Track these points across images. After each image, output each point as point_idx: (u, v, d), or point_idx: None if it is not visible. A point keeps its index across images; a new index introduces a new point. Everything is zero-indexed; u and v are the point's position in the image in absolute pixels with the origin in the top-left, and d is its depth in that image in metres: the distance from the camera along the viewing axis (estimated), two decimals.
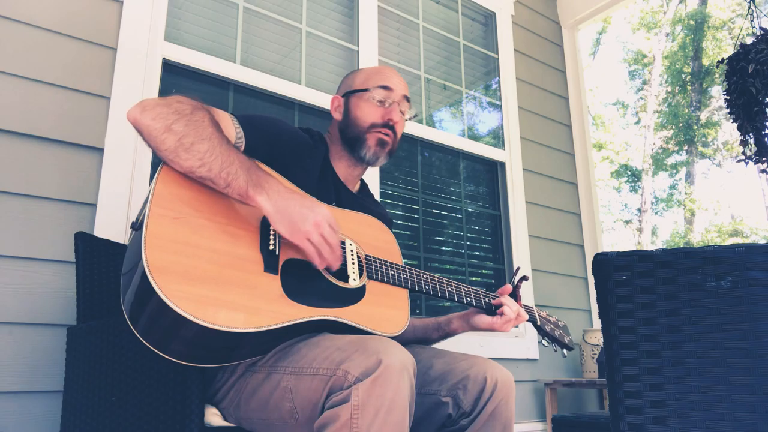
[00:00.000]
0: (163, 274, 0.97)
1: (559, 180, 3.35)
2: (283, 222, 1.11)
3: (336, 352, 1.03)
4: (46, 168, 1.75)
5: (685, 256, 1.00)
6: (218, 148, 1.09)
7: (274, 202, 1.11)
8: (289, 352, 1.12)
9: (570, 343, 1.64)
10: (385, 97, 1.48)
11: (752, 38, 2.98)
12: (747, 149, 3.03)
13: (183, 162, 1.08)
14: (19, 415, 1.58)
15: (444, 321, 1.54)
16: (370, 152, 1.46)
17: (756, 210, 19.01)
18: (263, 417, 1.13)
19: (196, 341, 1.02)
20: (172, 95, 1.16)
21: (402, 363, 0.99)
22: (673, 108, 15.37)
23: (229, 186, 1.09)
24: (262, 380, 1.12)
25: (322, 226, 1.14)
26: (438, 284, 1.42)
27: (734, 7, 14.29)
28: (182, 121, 1.09)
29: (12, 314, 1.62)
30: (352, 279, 1.25)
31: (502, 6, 3.35)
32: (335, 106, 1.54)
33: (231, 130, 1.24)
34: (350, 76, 1.58)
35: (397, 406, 0.97)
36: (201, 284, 1.01)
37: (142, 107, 1.10)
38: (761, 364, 0.94)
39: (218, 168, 1.08)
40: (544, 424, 2.81)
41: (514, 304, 1.47)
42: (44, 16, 1.84)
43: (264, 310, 1.06)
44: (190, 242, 1.04)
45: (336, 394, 0.98)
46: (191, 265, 1.01)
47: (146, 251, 0.97)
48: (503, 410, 1.29)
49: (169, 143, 1.07)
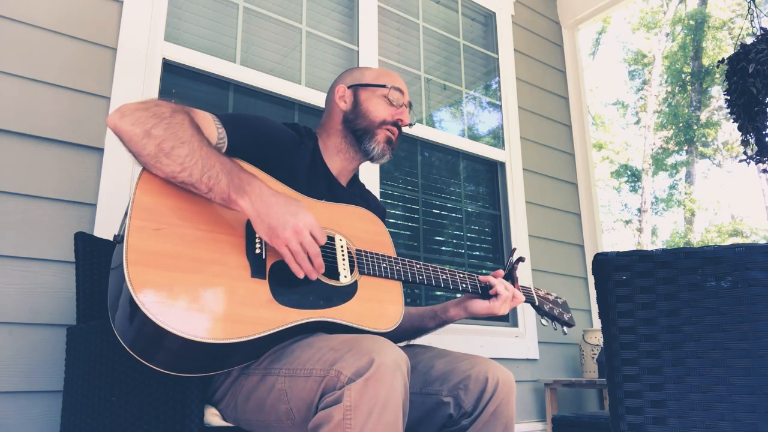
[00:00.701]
0: (145, 288, 0.96)
1: (559, 180, 3.35)
2: (263, 226, 1.09)
3: (329, 353, 1.03)
4: (46, 168, 1.75)
5: (685, 256, 1.00)
6: (198, 152, 1.07)
7: (256, 206, 1.09)
8: (283, 354, 1.11)
9: (570, 320, 1.62)
10: (397, 99, 1.50)
11: (752, 38, 2.98)
12: (748, 149, 3.03)
13: (164, 167, 1.06)
14: (19, 415, 1.58)
15: (440, 309, 1.52)
16: (378, 148, 1.47)
17: (756, 210, 19.00)
18: (260, 418, 1.13)
19: (183, 353, 1.01)
20: (152, 99, 1.15)
21: (395, 362, 0.99)
22: (673, 108, 15.37)
23: (211, 190, 1.07)
24: (257, 383, 1.12)
25: (301, 233, 1.11)
26: (432, 273, 1.41)
27: (734, 7, 14.29)
28: (161, 125, 1.07)
29: (12, 314, 1.62)
30: (342, 276, 1.24)
31: (502, 6, 3.35)
32: (340, 95, 1.51)
33: (213, 130, 1.22)
34: (357, 69, 1.57)
35: (391, 406, 0.96)
36: (185, 296, 1.00)
37: (121, 113, 1.08)
38: (761, 364, 0.94)
39: (199, 172, 1.06)
40: (544, 424, 2.81)
41: (508, 285, 1.46)
42: (44, 16, 1.84)
43: (251, 318, 1.05)
44: (172, 253, 1.02)
45: (329, 395, 0.98)
46: (174, 277, 1.00)
47: (128, 267, 0.96)
48: (504, 410, 1.29)
49: (150, 149, 1.05)
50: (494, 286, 1.45)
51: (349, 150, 1.49)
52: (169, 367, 1.04)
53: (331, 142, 1.50)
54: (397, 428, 0.98)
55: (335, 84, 1.56)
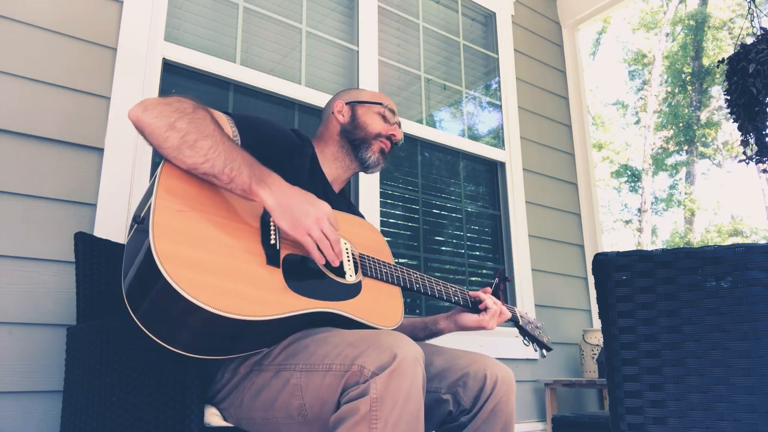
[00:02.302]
0: (172, 261, 0.98)
1: (559, 180, 3.35)
2: (285, 216, 1.14)
3: (348, 348, 1.05)
4: (46, 168, 1.75)
5: (685, 256, 1.00)
6: (221, 145, 1.12)
7: (276, 197, 1.13)
8: (297, 349, 1.12)
9: (548, 343, 1.70)
10: (390, 117, 1.62)
11: (752, 38, 2.98)
12: (748, 149, 3.03)
13: (187, 159, 1.10)
14: (19, 415, 1.58)
15: (430, 321, 1.59)
16: (374, 157, 1.57)
17: (756, 210, 19.02)
18: (267, 416, 1.13)
19: (204, 329, 1.02)
20: (172, 95, 1.18)
21: (414, 355, 1.03)
22: (673, 108, 15.36)
23: (232, 181, 1.11)
24: (269, 379, 1.13)
25: (322, 221, 1.17)
26: (428, 283, 1.48)
27: (734, 7, 14.29)
28: (185, 119, 1.11)
29: (12, 314, 1.62)
30: (348, 275, 1.28)
31: (502, 6, 3.35)
32: (338, 109, 1.61)
33: (227, 129, 1.27)
34: (354, 90, 1.69)
35: (413, 396, 1.00)
36: (209, 273, 1.02)
37: (143, 106, 1.12)
38: (761, 364, 0.94)
39: (222, 164, 1.10)
40: (544, 424, 2.81)
41: (497, 301, 1.54)
42: (44, 16, 1.84)
43: (270, 300, 1.08)
44: (195, 233, 1.06)
45: (353, 389, 1.00)
46: (198, 254, 1.03)
47: (155, 240, 0.98)
48: (504, 407, 1.30)
49: (173, 141, 1.09)
50: (483, 301, 1.52)
51: (345, 158, 1.57)
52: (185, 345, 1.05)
53: (328, 150, 1.57)
54: (419, 417, 1.02)
55: (333, 100, 1.65)
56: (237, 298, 1.03)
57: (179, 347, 1.04)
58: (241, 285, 1.06)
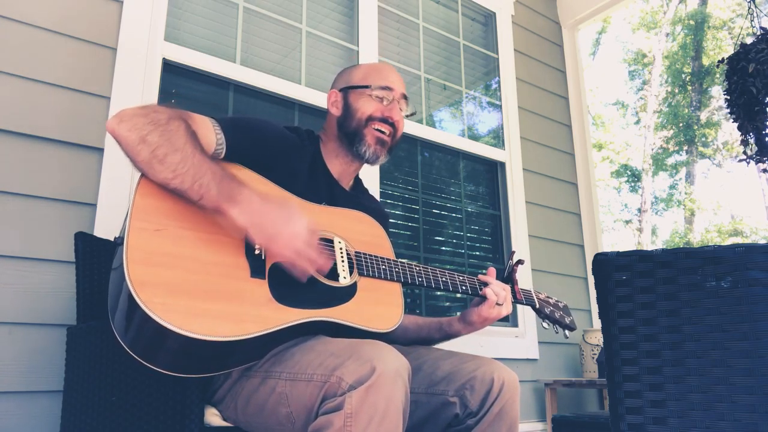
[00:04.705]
0: (146, 287, 0.96)
1: (559, 180, 3.35)
2: (258, 235, 1.10)
3: (330, 358, 1.03)
4: (46, 168, 1.75)
5: (685, 256, 1.00)
6: (191, 159, 1.08)
7: (247, 215, 1.09)
8: (284, 357, 1.11)
9: (572, 323, 1.61)
10: (384, 95, 1.47)
11: (752, 38, 2.98)
12: (748, 149, 3.03)
13: (158, 174, 1.07)
14: (19, 415, 1.58)
15: (446, 322, 1.54)
16: (370, 150, 1.45)
17: (756, 210, 19.01)
18: (261, 421, 1.13)
19: (185, 352, 1.01)
20: (151, 105, 1.15)
21: (396, 370, 0.99)
22: (673, 108, 15.36)
23: (202, 198, 1.07)
24: (257, 385, 1.12)
25: (294, 240, 1.11)
26: (431, 275, 1.41)
27: (734, 7, 14.29)
28: (156, 132, 1.08)
29: (12, 314, 1.62)
30: (342, 277, 1.25)
31: (502, 6, 3.35)
32: (332, 101, 1.52)
33: (211, 135, 1.22)
34: (347, 71, 1.57)
35: (391, 414, 0.97)
36: (185, 295, 1.00)
37: (119, 118, 1.09)
38: (761, 364, 0.94)
39: (191, 180, 1.06)
40: (544, 424, 2.81)
41: (499, 288, 1.44)
42: (44, 16, 1.84)
43: (252, 316, 1.05)
44: (172, 253, 1.03)
45: (330, 401, 0.98)
46: (175, 276, 1.01)
47: (128, 266, 0.97)
48: (509, 410, 1.30)
49: (144, 155, 1.07)
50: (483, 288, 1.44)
51: (346, 154, 1.49)
52: (170, 367, 1.04)
53: (330, 146, 1.50)
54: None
55: (331, 88, 1.56)
56: (213, 319, 1.01)
57: (162, 367, 1.04)
58: (221, 303, 1.04)
